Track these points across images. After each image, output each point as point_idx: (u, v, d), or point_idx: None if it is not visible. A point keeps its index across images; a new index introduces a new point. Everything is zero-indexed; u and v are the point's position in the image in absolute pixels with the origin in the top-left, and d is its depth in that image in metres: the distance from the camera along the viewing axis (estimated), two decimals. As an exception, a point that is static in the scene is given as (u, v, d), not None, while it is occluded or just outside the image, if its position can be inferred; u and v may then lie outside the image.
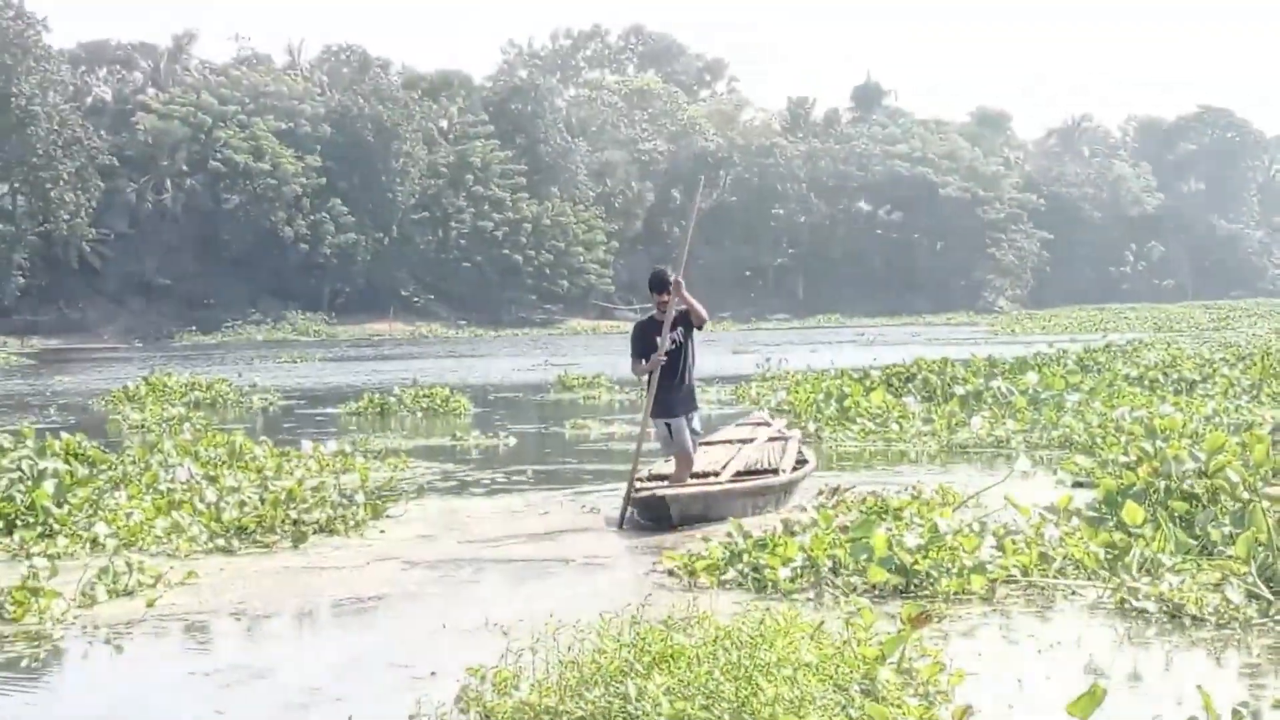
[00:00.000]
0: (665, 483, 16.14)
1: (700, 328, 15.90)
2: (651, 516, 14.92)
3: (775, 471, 16.97)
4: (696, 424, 16.37)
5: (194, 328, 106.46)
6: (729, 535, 12.52)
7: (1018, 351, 37.58)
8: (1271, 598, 10.23)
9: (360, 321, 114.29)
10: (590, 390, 37.72)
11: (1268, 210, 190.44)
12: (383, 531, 15.06)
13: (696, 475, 16.55)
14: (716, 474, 16.74)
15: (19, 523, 14.33)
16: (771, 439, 19.17)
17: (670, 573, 12.20)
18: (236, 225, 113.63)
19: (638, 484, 15.95)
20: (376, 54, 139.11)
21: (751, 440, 19.21)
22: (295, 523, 14.66)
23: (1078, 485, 16.16)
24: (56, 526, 14.25)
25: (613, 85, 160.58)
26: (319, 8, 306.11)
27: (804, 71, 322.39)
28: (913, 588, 11.22)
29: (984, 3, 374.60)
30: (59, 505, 14.67)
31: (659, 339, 15.57)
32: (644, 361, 15.78)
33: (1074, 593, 11.09)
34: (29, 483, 14.96)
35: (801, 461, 17.64)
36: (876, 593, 11.14)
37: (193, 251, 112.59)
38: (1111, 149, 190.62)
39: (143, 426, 28.47)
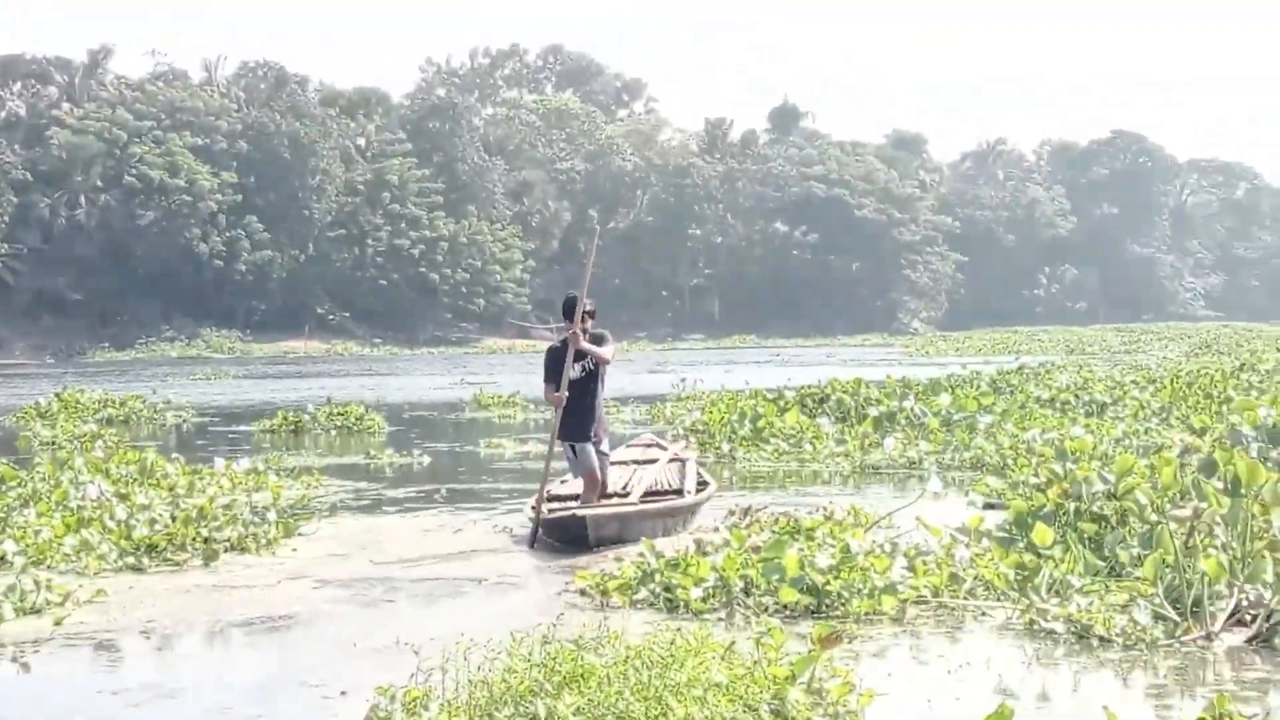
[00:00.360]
0: (575, 503, 16.15)
1: (606, 364, 16.01)
2: (567, 537, 14.82)
3: (680, 493, 17.01)
4: (605, 446, 16.40)
5: (107, 344, 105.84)
6: (641, 555, 12.53)
7: (931, 373, 37.77)
8: (1178, 619, 10.32)
9: (275, 339, 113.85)
10: (505, 409, 37.69)
11: (1179, 234, 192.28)
12: (295, 550, 14.97)
13: (603, 497, 16.55)
14: (625, 495, 16.73)
15: (-75, 540, 14.18)
16: (671, 460, 19.17)
17: (582, 592, 12.20)
18: (151, 241, 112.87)
19: (552, 505, 15.97)
20: (294, 70, 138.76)
21: (653, 461, 19.21)
22: (206, 541, 14.55)
23: (989, 506, 16.22)
24: (-37, 544, 14.10)
25: (531, 104, 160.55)
26: (236, 24, 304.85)
27: (722, 92, 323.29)
28: (824, 608, 11.25)
29: (896, 26, 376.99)
30: (-34, 522, 14.53)
31: (565, 367, 15.57)
32: (554, 387, 15.78)
33: (984, 613, 11.15)
34: (-64, 500, 14.81)
35: (703, 484, 17.66)
36: (788, 613, 11.17)
37: (106, 267, 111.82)
38: (1025, 172, 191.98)
39: (53, 443, 28.22)
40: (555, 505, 16.16)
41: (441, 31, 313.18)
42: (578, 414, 15.79)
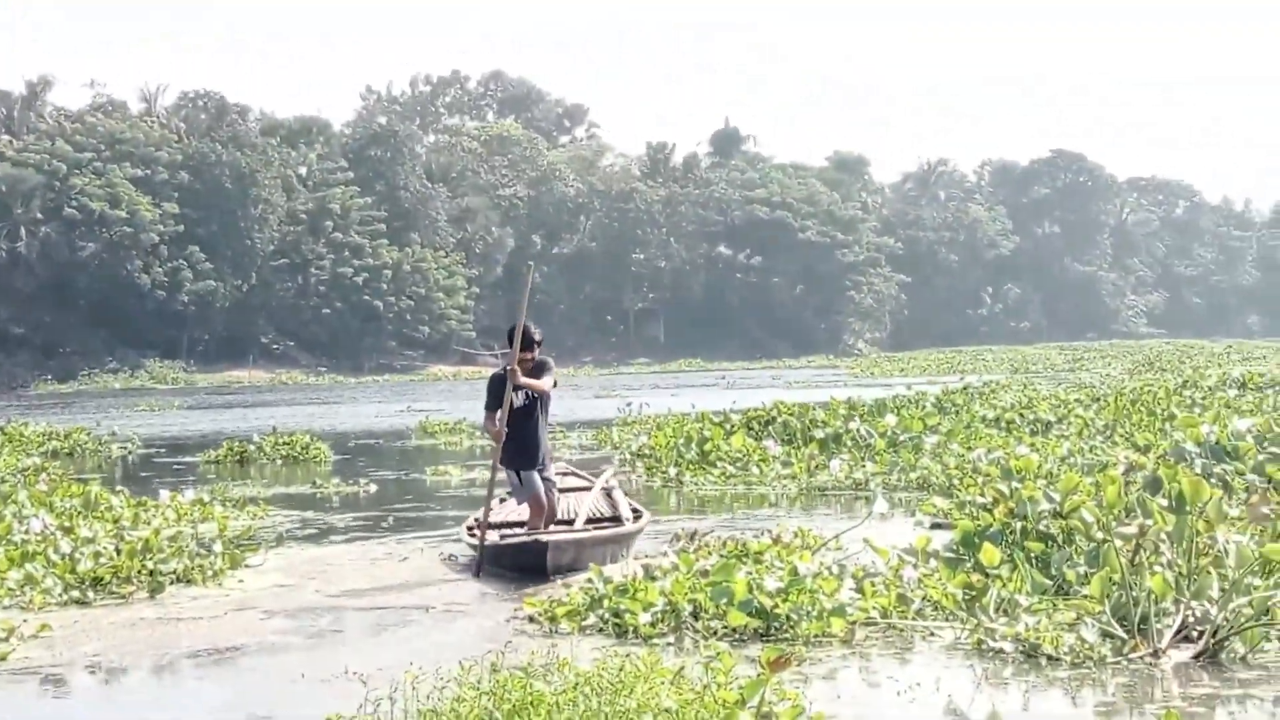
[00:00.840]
0: (520, 530, 16.13)
1: (544, 392, 15.98)
2: (522, 563, 14.73)
3: (618, 519, 17.00)
4: (551, 473, 16.40)
5: (49, 376, 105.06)
6: (589, 581, 12.51)
7: (877, 394, 37.85)
8: (1125, 637, 10.36)
9: (219, 369, 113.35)
10: (452, 436, 37.66)
11: (1120, 253, 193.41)
12: (241, 581, 14.90)
13: (549, 524, 16.55)
14: (570, 522, 16.67)
15: None
16: (603, 489, 19.08)
17: (531, 619, 12.19)
18: (92, 273, 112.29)
19: (503, 531, 15.96)
20: (234, 100, 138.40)
21: (580, 489, 19.18)
22: (152, 573, 14.46)
23: (936, 527, 16.26)
24: (-94, 580, 13.98)
25: (472, 131, 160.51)
26: (175, 54, 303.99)
27: (663, 117, 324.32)
28: (773, 631, 11.26)
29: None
30: (-91, 559, 14.41)
31: (506, 395, 15.52)
32: (494, 416, 15.71)
33: (932, 634, 11.18)
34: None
35: (637, 512, 17.56)
36: (737, 636, 11.19)
37: (48, 299, 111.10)
38: (967, 192, 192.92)
39: (-4, 477, 28.02)
40: (506, 531, 16.13)
41: (382, 60, 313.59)
42: (521, 441, 15.73)
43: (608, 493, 18.70)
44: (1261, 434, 19.69)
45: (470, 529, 16.68)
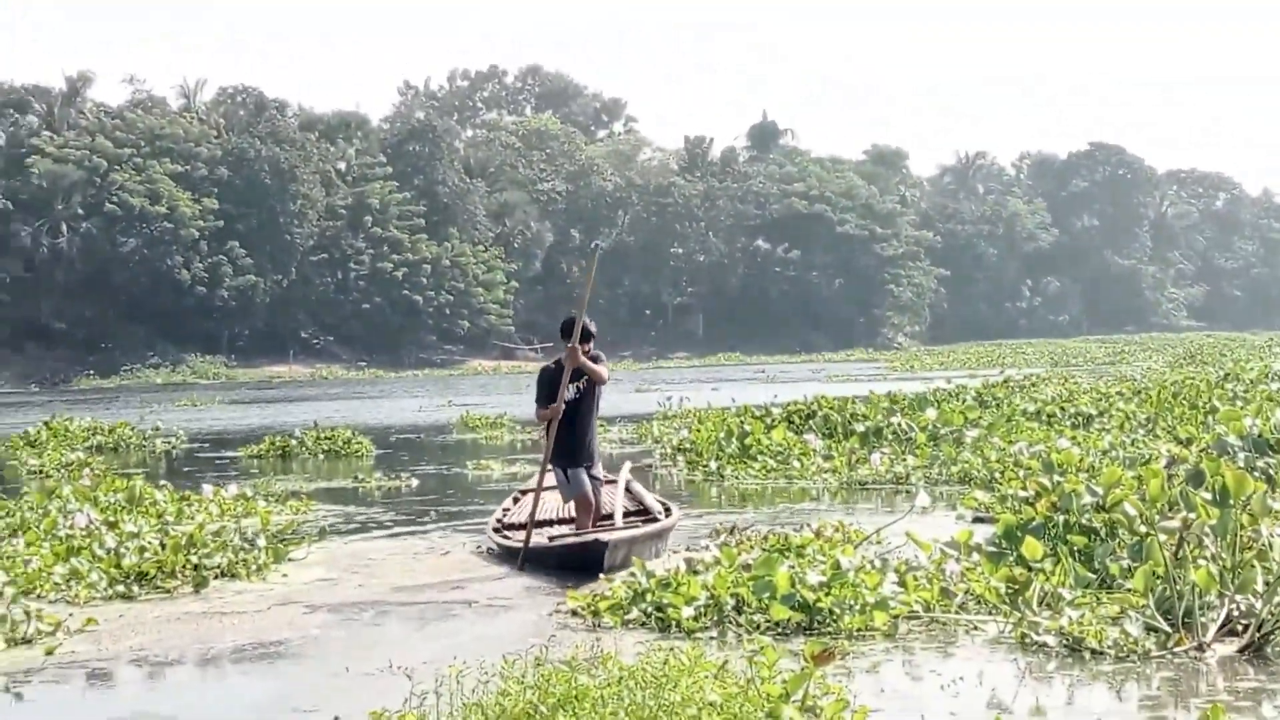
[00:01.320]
0: (561, 528, 16.13)
1: (602, 384, 15.88)
2: (580, 564, 14.29)
3: (647, 512, 16.97)
4: (598, 470, 16.19)
5: (92, 372, 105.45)
6: (631, 574, 12.51)
7: (917, 388, 37.74)
8: (1170, 630, 10.33)
9: (260, 364, 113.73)
10: (493, 431, 37.71)
11: (1160, 246, 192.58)
12: (285, 575, 14.94)
13: (548, 521, 16.57)
14: (609, 518, 16.52)
15: (-85, 572, 14.13)
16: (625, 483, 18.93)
17: (574, 613, 12.18)
18: (133, 268, 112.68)
19: (552, 532, 15.95)
20: (273, 95, 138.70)
21: (610, 482, 19.13)
22: (196, 568, 14.51)
23: (977, 520, 16.25)
24: (-47, 575, 14.05)
25: (510, 126, 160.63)
26: (214, 50, 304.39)
27: (722, 94, 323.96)
28: (816, 625, 11.25)
29: (896, 26, 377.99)
30: (-44, 553, 14.48)
31: (561, 388, 15.43)
32: (546, 408, 15.68)
33: (975, 628, 11.16)
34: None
35: (665, 505, 17.44)
36: (780, 630, 11.17)
37: (89, 295, 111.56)
38: (1006, 186, 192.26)
39: (41, 472, 28.14)
40: (553, 532, 16.10)
41: (419, 54, 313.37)
42: (572, 437, 15.65)
43: (627, 486, 18.65)
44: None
45: (496, 529, 16.64)
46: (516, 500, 18.42)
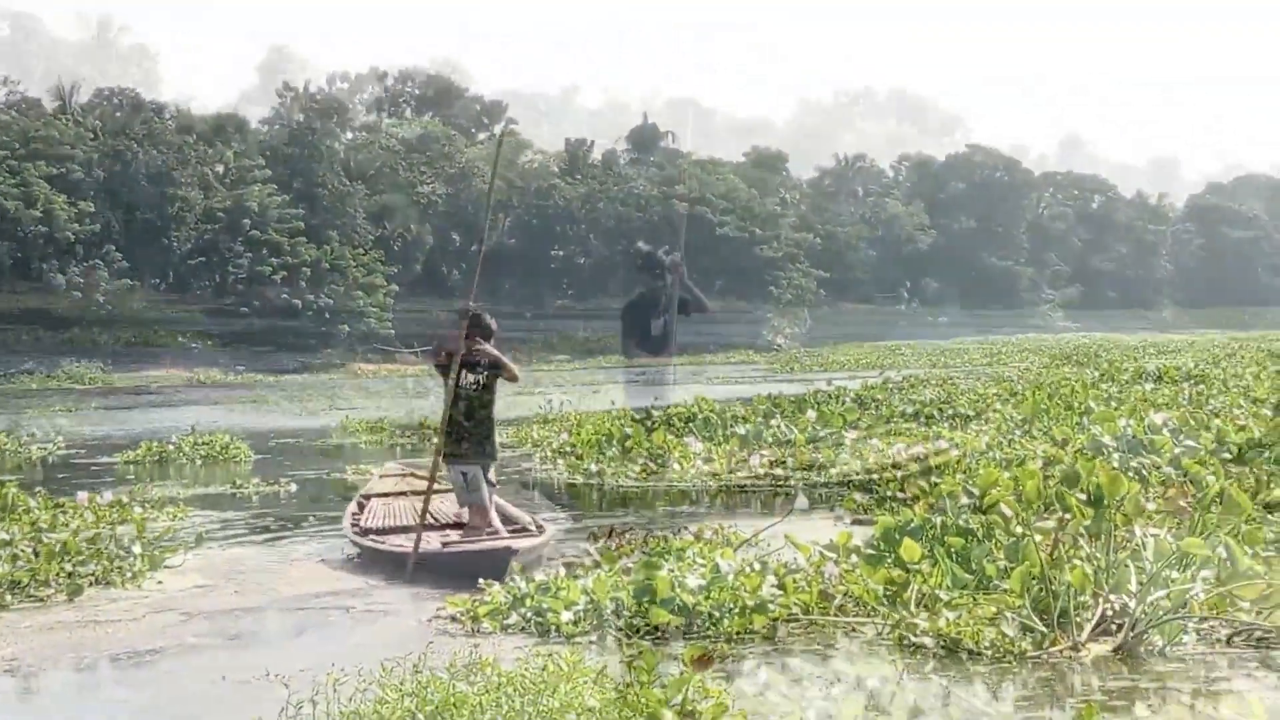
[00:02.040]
0: (456, 534, 15.95)
1: (513, 381, 15.64)
2: (482, 571, 13.53)
3: (517, 523, 16.77)
4: (492, 475, 15.84)
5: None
6: (510, 579, 12.48)
7: (797, 389, 37.93)
8: (1045, 630, 10.43)
9: (137, 369, 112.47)
10: (372, 434, 37.49)
11: (1036, 247, 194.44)
12: (160, 583, 14.79)
13: (439, 526, 16.42)
14: (493, 527, 16.18)
15: None
16: None
17: (453, 619, 12.15)
18: (7, 273, 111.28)
19: (449, 538, 15.73)
20: (150, 98, 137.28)
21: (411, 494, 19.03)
22: (70, 575, 14.36)
23: (856, 522, 16.33)
24: None
25: (390, 129, 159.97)
26: (92, 50, 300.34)
27: (583, 114, 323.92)
28: (695, 628, 11.27)
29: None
30: None
31: (450, 379, 14.95)
32: (441, 358, 15.15)
33: (854, 629, 11.22)
34: None
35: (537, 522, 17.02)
36: (659, 634, 11.18)
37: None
38: (885, 188, 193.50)
39: (-90, 481, 27.75)
40: (450, 538, 15.79)
41: (290, 57, 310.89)
42: (472, 433, 15.26)
43: None
44: (1178, 427, 19.87)
45: (357, 532, 16.42)
46: (362, 506, 18.33)
